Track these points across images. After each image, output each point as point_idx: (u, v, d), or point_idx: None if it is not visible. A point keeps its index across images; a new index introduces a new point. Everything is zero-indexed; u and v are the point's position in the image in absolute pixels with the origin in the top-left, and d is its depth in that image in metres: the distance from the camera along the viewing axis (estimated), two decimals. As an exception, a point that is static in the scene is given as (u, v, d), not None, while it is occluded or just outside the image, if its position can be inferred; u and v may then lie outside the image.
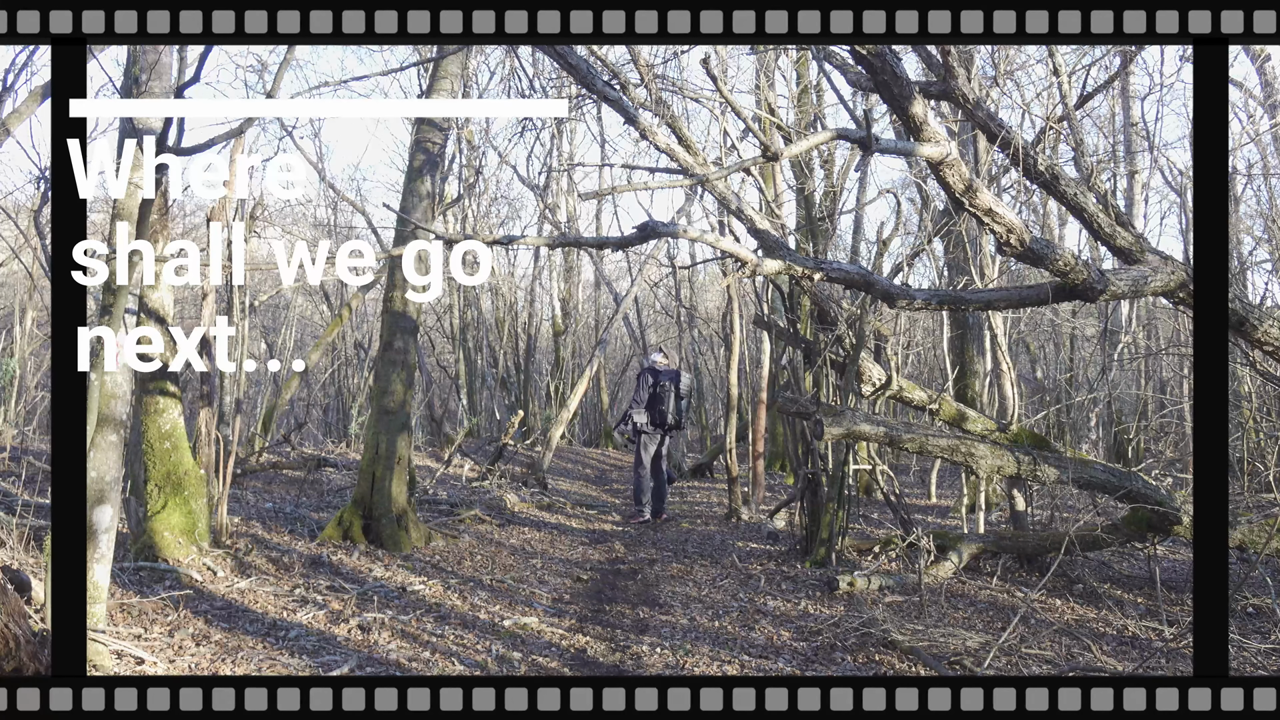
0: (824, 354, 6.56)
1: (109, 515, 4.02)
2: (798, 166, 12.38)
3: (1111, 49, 7.18)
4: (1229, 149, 7.55)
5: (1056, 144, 10.16)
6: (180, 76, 5.53)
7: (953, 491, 10.58)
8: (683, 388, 9.22)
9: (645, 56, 7.08)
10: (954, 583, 5.77)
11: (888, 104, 4.12)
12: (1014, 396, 6.86)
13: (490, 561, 6.73)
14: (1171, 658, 4.26)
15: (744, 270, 4.24)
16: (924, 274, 14.98)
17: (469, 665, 4.24)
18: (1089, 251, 11.39)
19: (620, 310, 15.32)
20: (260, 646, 4.31)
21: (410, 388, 7.48)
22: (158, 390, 5.86)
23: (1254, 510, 6.20)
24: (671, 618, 5.17)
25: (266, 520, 7.27)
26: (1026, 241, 4.23)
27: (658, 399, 9.03)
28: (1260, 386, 8.27)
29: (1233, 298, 4.62)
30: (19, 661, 3.11)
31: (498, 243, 5.92)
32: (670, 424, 9.10)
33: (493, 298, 18.92)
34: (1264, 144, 12.00)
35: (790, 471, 11.69)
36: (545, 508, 9.62)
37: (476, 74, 14.56)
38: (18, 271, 13.98)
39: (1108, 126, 13.47)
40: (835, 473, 6.54)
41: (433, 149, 7.60)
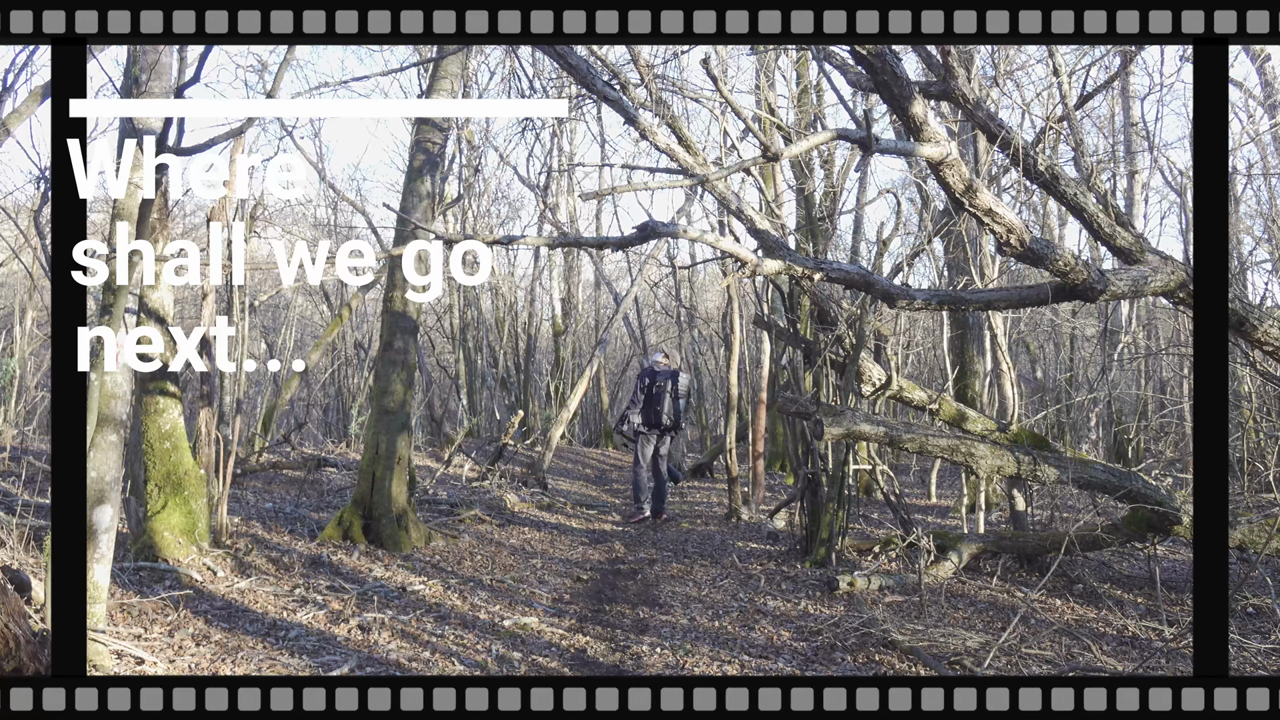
0: (824, 354, 6.56)
1: (109, 515, 4.02)
2: (798, 166, 12.38)
3: (1111, 49, 7.18)
4: (1229, 149, 7.55)
5: (1056, 144, 10.16)
6: (180, 76, 5.53)
7: (953, 491, 10.58)
8: (681, 388, 9.23)
9: (645, 56, 7.08)
10: (954, 583, 5.77)
11: (888, 104, 4.12)
12: (1014, 396, 6.86)
13: (490, 561, 6.73)
14: (1171, 658, 4.26)
15: (744, 270, 4.24)
16: (924, 274, 14.99)
17: (469, 665, 4.24)
18: (1089, 251, 11.39)
19: (620, 310, 15.33)
20: (260, 646, 4.31)
21: (410, 388, 7.48)
22: (158, 390, 5.86)
23: (1254, 510, 6.20)
24: (671, 618, 5.17)
25: (266, 520, 7.27)
26: (1026, 241, 4.23)
27: (654, 399, 9.07)
28: (1260, 386, 8.27)
29: (1233, 298, 4.62)
30: (19, 661, 3.11)
31: (498, 243, 5.92)
32: (666, 424, 9.14)
33: (493, 298, 18.92)
34: (1264, 144, 12.01)
35: (790, 471, 11.69)
36: (545, 508, 9.62)
37: (476, 74, 14.58)
38: (18, 271, 13.98)
39: (1108, 126, 13.47)
40: (835, 473, 6.54)
41: (433, 149, 7.60)
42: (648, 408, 9.09)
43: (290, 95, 12.54)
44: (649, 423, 9.08)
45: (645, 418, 9.08)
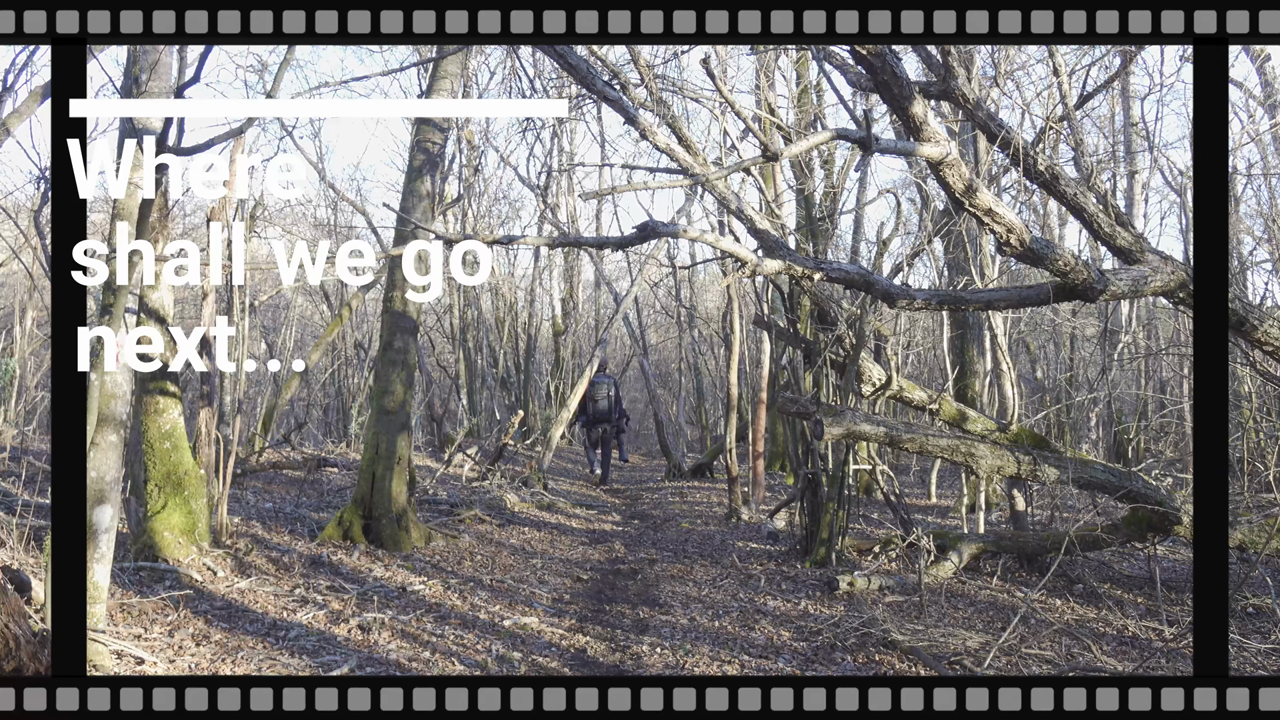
0: (824, 354, 6.56)
1: (109, 515, 4.02)
2: (798, 166, 12.37)
3: (1111, 49, 7.17)
4: (1229, 149, 7.54)
5: (1056, 144, 10.15)
6: (180, 76, 5.52)
7: (953, 491, 10.58)
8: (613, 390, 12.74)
9: (645, 57, 7.08)
10: (954, 583, 5.77)
11: (888, 104, 4.12)
12: (1014, 396, 6.85)
13: (490, 561, 6.73)
14: (1171, 658, 4.26)
15: (744, 270, 4.24)
16: (924, 274, 14.96)
17: (469, 665, 4.24)
18: (1089, 251, 11.38)
19: (620, 310, 15.31)
20: (260, 646, 4.31)
21: (410, 388, 7.48)
22: (158, 390, 5.86)
23: (1254, 510, 6.20)
24: (671, 618, 5.17)
25: (266, 520, 7.26)
26: (1026, 241, 4.23)
27: (592, 399, 12.58)
28: (1260, 386, 8.27)
29: (1233, 298, 4.62)
30: (19, 661, 3.11)
31: (498, 243, 5.91)
32: (608, 418, 12.50)
33: (493, 298, 18.91)
34: (1264, 144, 12.00)
35: (790, 471, 11.68)
36: (545, 508, 9.63)
37: (476, 74, 14.58)
38: (18, 271, 13.97)
39: (1108, 126, 13.47)
40: (835, 473, 6.54)
41: (433, 149, 7.60)
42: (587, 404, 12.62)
43: (290, 95, 12.53)
44: (587, 414, 12.62)
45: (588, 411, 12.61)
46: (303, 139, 22.69)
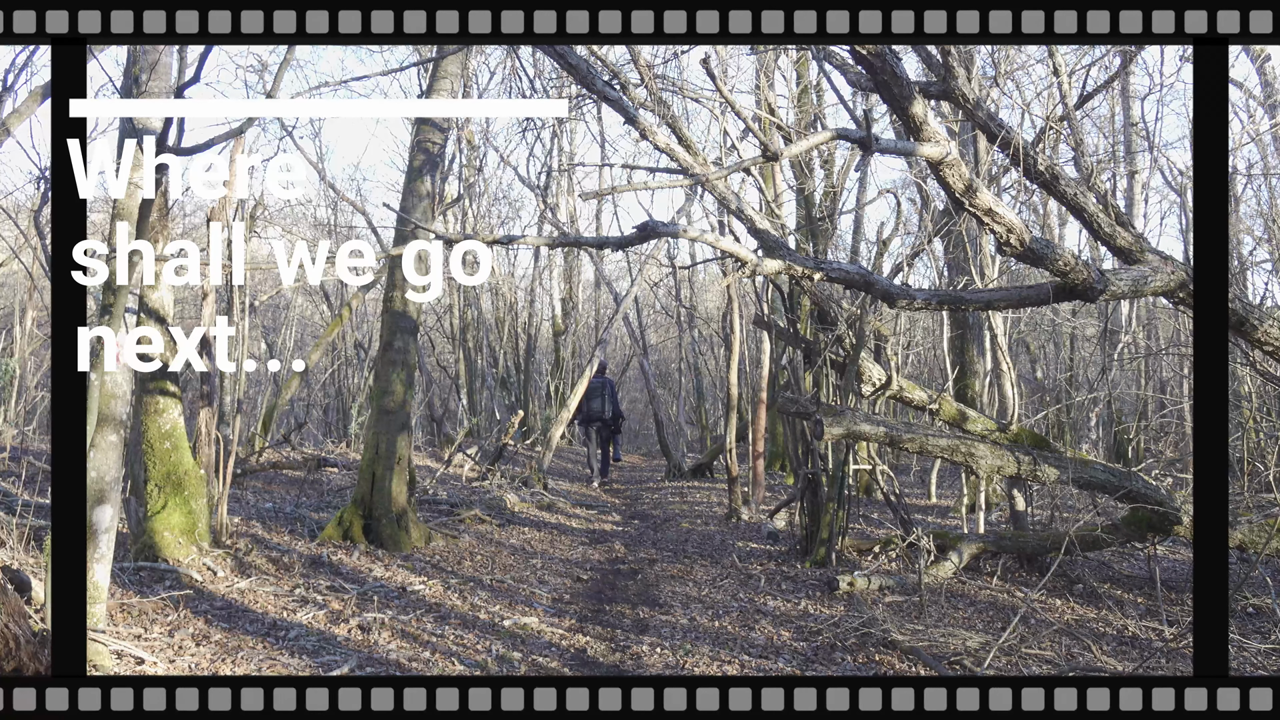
0: (824, 354, 6.56)
1: (109, 515, 4.02)
2: (798, 166, 12.37)
3: (1111, 49, 7.17)
4: (1229, 149, 7.54)
5: (1056, 144, 10.14)
6: (180, 76, 5.52)
7: (953, 491, 10.57)
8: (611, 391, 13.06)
9: (645, 56, 7.08)
10: (954, 583, 5.77)
11: (888, 104, 4.12)
12: (1014, 396, 6.85)
13: (490, 561, 6.73)
14: (1171, 658, 4.26)
15: (744, 270, 4.24)
16: (924, 274, 14.96)
17: (469, 665, 4.24)
18: (1089, 251, 11.38)
19: (620, 310, 15.30)
20: (260, 646, 4.31)
21: (410, 388, 7.48)
22: (158, 390, 5.86)
23: (1254, 510, 6.20)
24: (671, 618, 5.17)
25: (266, 520, 7.26)
26: (1026, 241, 4.23)
27: (589, 399, 12.91)
28: (1260, 386, 8.27)
29: (1233, 298, 4.62)
30: (19, 661, 3.11)
31: (498, 243, 5.91)
32: (602, 417, 12.81)
33: (493, 298, 18.90)
34: (1264, 144, 12.00)
35: (790, 471, 11.68)
36: (545, 508, 9.63)
37: (476, 74, 14.57)
38: (18, 271, 13.98)
39: (1108, 126, 13.46)
40: (835, 473, 6.54)
41: (433, 149, 7.60)
42: (585, 405, 12.95)
43: (290, 95, 12.53)
44: (586, 414, 12.96)
45: (585, 412, 12.96)
46: (303, 139, 22.71)
